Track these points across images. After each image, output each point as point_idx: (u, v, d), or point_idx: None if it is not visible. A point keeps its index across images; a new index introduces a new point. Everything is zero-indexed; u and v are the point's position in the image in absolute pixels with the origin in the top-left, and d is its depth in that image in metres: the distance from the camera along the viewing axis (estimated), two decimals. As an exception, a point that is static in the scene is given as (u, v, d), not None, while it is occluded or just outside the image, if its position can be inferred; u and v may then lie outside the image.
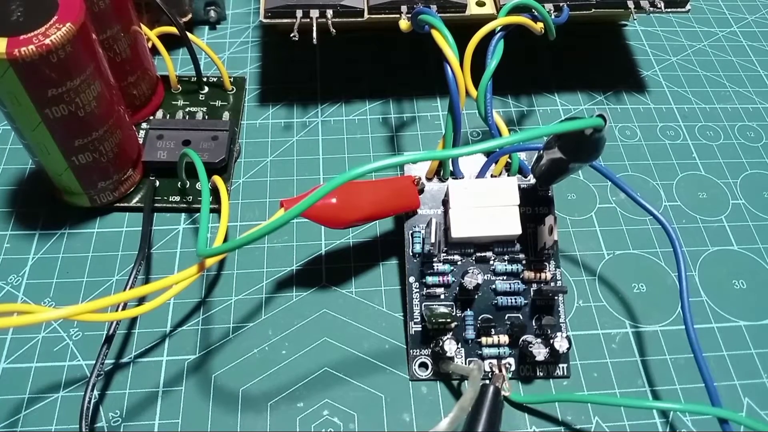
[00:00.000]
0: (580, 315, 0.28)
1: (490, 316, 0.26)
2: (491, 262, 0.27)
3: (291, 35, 0.29)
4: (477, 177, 0.27)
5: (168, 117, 0.33)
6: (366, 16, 0.30)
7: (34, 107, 0.24)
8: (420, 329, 0.26)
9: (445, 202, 0.27)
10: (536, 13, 0.28)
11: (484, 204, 0.25)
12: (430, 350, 0.26)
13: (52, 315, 0.19)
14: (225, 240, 0.25)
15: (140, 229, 0.28)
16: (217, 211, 0.29)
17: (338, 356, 0.26)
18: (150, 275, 0.28)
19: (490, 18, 0.29)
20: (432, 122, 0.34)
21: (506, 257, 0.27)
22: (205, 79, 0.34)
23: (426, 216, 0.27)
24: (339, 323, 0.27)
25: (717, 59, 0.38)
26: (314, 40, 0.29)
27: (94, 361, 0.24)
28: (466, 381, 0.26)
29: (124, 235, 0.29)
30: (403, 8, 0.30)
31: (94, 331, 0.26)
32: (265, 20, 0.30)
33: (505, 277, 0.26)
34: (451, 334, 0.25)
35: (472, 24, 0.28)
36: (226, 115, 0.33)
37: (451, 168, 0.27)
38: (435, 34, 0.25)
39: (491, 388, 0.24)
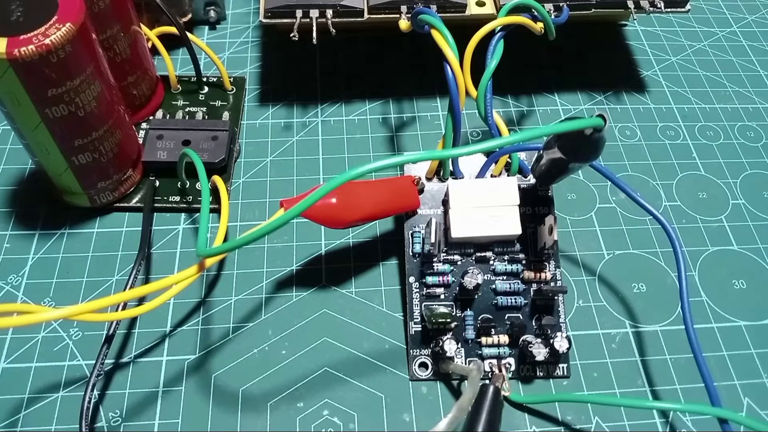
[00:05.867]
0: (580, 315, 0.28)
1: (490, 316, 0.26)
2: (491, 262, 0.27)
3: (291, 35, 0.29)
4: (477, 177, 0.27)
5: (168, 117, 0.33)
6: (366, 16, 0.30)
7: (34, 107, 0.24)
8: (420, 329, 0.26)
9: (445, 202, 0.27)
10: (536, 13, 0.28)
11: (484, 204, 0.25)
12: (430, 350, 0.26)
13: (52, 315, 0.19)
14: (225, 240, 0.25)
15: (140, 229, 0.28)
16: (217, 211, 0.29)
17: (338, 356, 0.26)
18: (150, 275, 0.28)
19: (490, 18, 0.29)
20: (432, 122, 0.34)
21: (506, 257, 0.27)
22: (205, 79, 0.34)
23: (426, 216, 0.27)
24: (339, 323, 0.27)
25: (717, 59, 0.38)
26: (314, 40, 0.29)
27: (94, 361, 0.24)
28: (466, 381, 0.26)
29: (124, 235, 0.29)
30: (403, 8, 0.30)
31: (94, 331, 0.26)
32: (265, 20, 0.30)
33: (505, 277, 0.26)
34: (451, 334, 0.25)
35: (472, 24, 0.28)
36: (226, 115, 0.33)
37: (451, 168, 0.27)
38: (435, 34, 0.25)
39: (491, 388, 0.24)
